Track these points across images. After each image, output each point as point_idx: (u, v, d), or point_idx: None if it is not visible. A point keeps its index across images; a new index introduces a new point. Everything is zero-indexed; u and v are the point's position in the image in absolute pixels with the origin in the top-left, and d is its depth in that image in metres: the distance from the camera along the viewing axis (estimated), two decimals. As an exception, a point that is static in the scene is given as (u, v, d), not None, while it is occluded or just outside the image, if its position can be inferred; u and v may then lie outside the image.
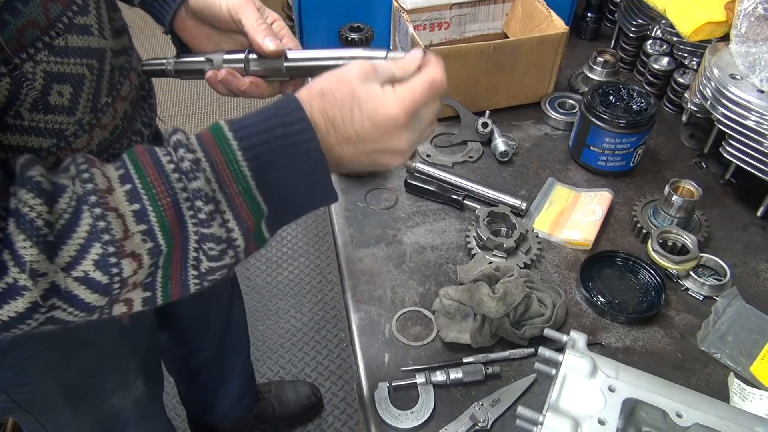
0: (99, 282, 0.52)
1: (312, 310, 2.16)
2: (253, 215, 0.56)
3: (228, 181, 0.54)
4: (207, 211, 0.54)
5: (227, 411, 1.62)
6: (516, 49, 1.18)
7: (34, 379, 0.85)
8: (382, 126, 0.58)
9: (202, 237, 0.55)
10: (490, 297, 0.81)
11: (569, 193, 1.10)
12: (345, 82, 0.58)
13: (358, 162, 0.61)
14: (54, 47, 0.62)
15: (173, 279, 0.57)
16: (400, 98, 0.58)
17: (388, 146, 0.59)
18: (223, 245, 0.55)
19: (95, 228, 0.51)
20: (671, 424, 0.63)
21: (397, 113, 0.57)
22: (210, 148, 0.54)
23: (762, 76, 0.99)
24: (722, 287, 0.94)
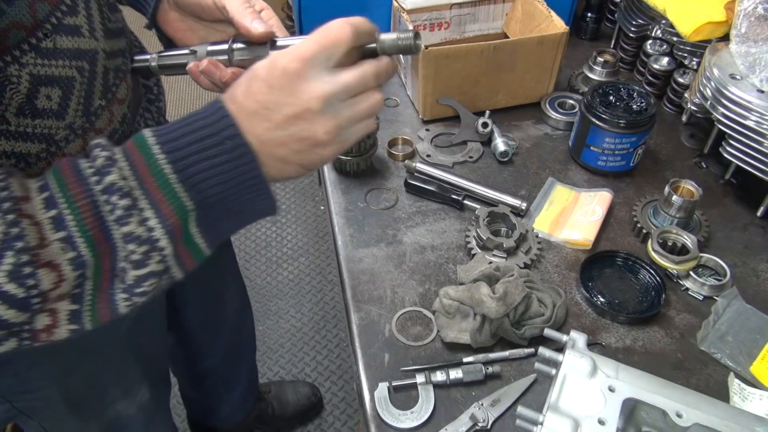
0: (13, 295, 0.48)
1: (312, 310, 2.16)
2: (176, 211, 0.52)
3: (146, 176, 0.51)
4: (123, 206, 0.51)
5: (229, 415, 1.62)
6: (516, 49, 1.18)
7: (37, 388, 0.84)
8: (276, 83, 0.54)
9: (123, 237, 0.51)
10: (490, 297, 0.81)
11: (569, 193, 1.10)
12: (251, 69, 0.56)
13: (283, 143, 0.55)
14: (41, 49, 0.60)
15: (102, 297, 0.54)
16: (290, 51, 0.54)
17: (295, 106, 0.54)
18: (146, 246, 0.52)
19: (7, 235, 0.48)
20: (671, 424, 0.63)
21: (288, 63, 0.53)
22: (127, 146, 0.53)
23: (762, 76, 0.99)
24: (722, 287, 0.94)
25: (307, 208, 2.54)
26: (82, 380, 0.89)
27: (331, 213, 1.08)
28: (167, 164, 0.52)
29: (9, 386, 0.82)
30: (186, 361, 1.42)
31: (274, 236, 2.42)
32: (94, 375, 0.90)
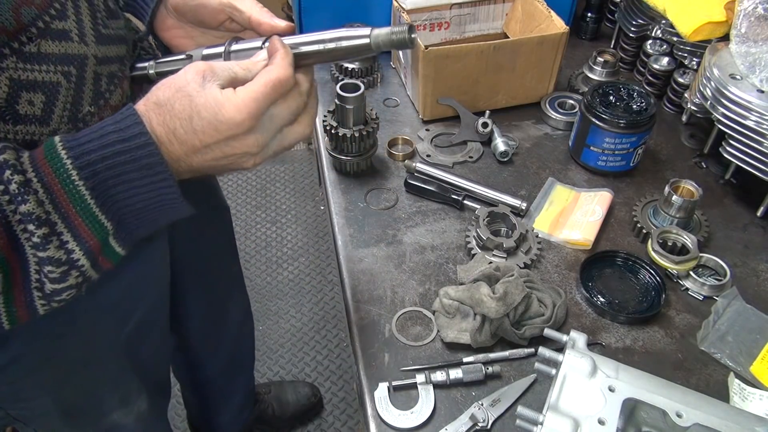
0: None
1: (312, 310, 2.16)
2: (95, 235, 0.54)
3: (64, 202, 0.52)
4: (40, 234, 0.51)
5: (226, 425, 1.61)
6: (516, 49, 1.18)
7: (31, 397, 0.83)
8: (226, 132, 0.56)
9: (40, 260, 0.52)
10: (490, 297, 0.81)
11: (569, 193, 1.10)
12: (181, 90, 0.56)
13: (212, 168, 0.59)
14: (23, 53, 0.59)
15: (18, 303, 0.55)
16: (241, 102, 0.55)
17: (237, 150, 0.58)
18: (64, 267, 0.53)
19: None
20: (671, 424, 0.63)
21: (240, 118, 0.55)
22: (42, 167, 0.52)
23: (762, 76, 0.99)
24: (722, 287, 0.94)
25: (307, 208, 2.54)
26: (78, 390, 0.88)
27: (331, 213, 1.08)
28: (86, 190, 0.52)
29: (3, 394, 0.81)
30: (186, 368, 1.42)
31: (274, 236, 2.42)
32: (90, 385, 0.89)
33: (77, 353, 0.82)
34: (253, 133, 0.57)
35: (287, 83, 0.59)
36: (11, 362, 0.76)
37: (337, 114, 1.08)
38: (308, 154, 2.80)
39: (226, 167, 0.60)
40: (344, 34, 0.65)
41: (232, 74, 0.59)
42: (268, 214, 2.51)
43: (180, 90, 0.56)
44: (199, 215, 0.61)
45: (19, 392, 0.81)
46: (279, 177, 2.69)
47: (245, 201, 2.57)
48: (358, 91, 1.03)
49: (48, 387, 0.83)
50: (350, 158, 1.11)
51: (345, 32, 0.65)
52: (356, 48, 0.65)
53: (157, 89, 0.57)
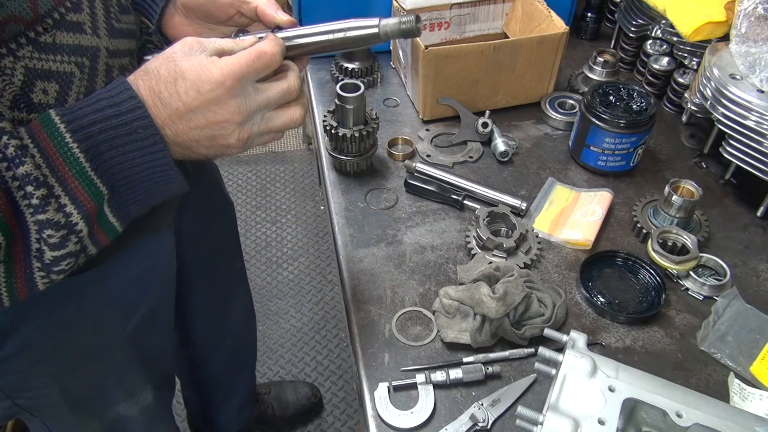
0: None
1: (312, 310, 2.16)
2: (92, 198, 0.55)
3: (59, 164, 0.53)
4: (39, 195, 0.52)
5: (227, 423, 1.61)
6: (516, 49, 1.18)
7: (37, 386, 0.84)
8: (207, 92, 0.57)
9: (39, 224, 0.53)
10: (490, 297, 0.81)
11: (569, 193, 1.10)
12: (169, 58, 0.58)
13: (195, 139, 0.60)
14: (39, 43, 0.60)
15: (17, 275, 0.56)
16: (224, 63, 0.58)
17: (219, 115, 0.59)
18: (63, 231, 0.54)
19: None
20: (671, 424, 0.63)
21: (220, 77, 0.57)
22: (37, 133, 0.53)
23: (762, 76, 0.99)
24: (722, 287, 0.94)
25: (307, 208, 2.54)
26: (84, 381, 0.89)
27: (331, 213, 1.08)
28: (80, 152, 0.54)
29: (10, 383, 0.82)
30: (188, 364, 1.42)
31: (274, 236, 2.42)
32: (96, 376, 0.90)
33: (84, 344, 0.84)
34: (235, 98, 0.58)
35: (273, 57, 0.61)
36: (20, 351, 0.77)
37: (337, 114, 1.08)
38: (308, 154, 2.80)
39: (211, 139, 0.60)
40: (353, 24, 0.68)
41: (218, 47, 0.61)
42: (268, 214, 2.51)
43: (167, 58, 0.58)
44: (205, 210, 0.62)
45: (26, 381, 0.82)
46: (279, 177, 2.69)
47: (245, 201, 2.57)
48: (358, 91, 1.03)
49: (55, 376, 0.84)
50: (350, 158, 1.11)
51: (354, 22, 0.68)
52: (365, 37, 0.67)
53: (147, 62, 0.60)
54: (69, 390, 0.87)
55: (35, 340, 0.77)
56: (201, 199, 0.62)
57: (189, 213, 0.63)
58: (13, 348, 0.76)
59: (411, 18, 0.64)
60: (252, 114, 0.61)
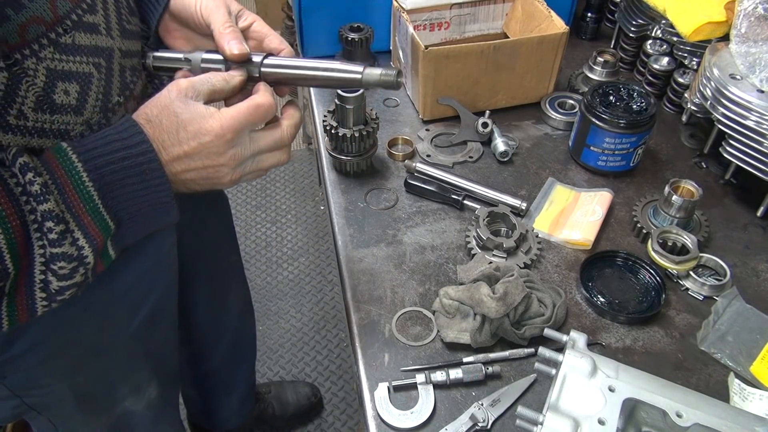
0: None
1: (312, 310, 2.16)
2: (102, 233, 0.58)
3: (75, 202, 0.56)
4: (58, 231, 0.55)
5: (227, 419, 1.62)
6: (516, 49, 1.18)
7: (47, 384, 0.85)
8: (207, 143, 0.62)
9: (51, 257, 0.56)
10: (490, 297, 0.81)
11: (569, 193, 1.10)
12: (167, 108, 0.62)
13: (192, 179, 0.64)
14: (60, 44, 0.62)
15: (19, 304, 0.58)
16: (223, 117, 0.62)
17: (216, 162, 0.64)
18: (75, 263, 0.57)
19: None
20: (671, 424, 0.63)
21: (220, 130, 0.62)
22: (56, 170, 0.56)
23: (762, 76, 0.99)
24: (722, 287, 0.94)
25: (307, 208, 2.54)
26: (91, 377, 0.90)
27: (331, 213, 1.08)
28: (94, 190, 0.57)
29: (20, 381, 0.83)
30: (188, 361, 1.42)
31: (274, 236, 2.42)
32: (103, 373, 0.91)
33: (91, 340, 0.85)
34: (233, 148, 0.64)
35: (268, 109, 0.66)
36: (30, 349, 0.78)
37: (337, 114, 1.08)
38: (308, 154, 2.80)
39: (206, 179, 0.65)
40: (339, 67, 0.72)
41: (211, 87, 0.66)
42: (268, 214, 2.51)
43: (166, 108, 0.62)
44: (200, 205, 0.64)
45: (35, 379, 0.84)
46: (279, 177, 2.69)
47: (245, 201, 2.57)
48: (358, 91, 1.03)
49: (63, 374, 0.85)
50: (350, 158, 1.11)
51: (341, 65, 0.72)
52: (347, 81, 0.72)
53: (144, 107, 0.63)
54: (77, 386, 0.88)
55: (44, 337, 0.78)
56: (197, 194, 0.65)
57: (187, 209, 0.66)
58: (24, 346, 0.77)
59: (392, 72, 0.70)
60: (244, 159, 0.66)
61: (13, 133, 0.61)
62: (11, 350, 0.77)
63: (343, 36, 1.29)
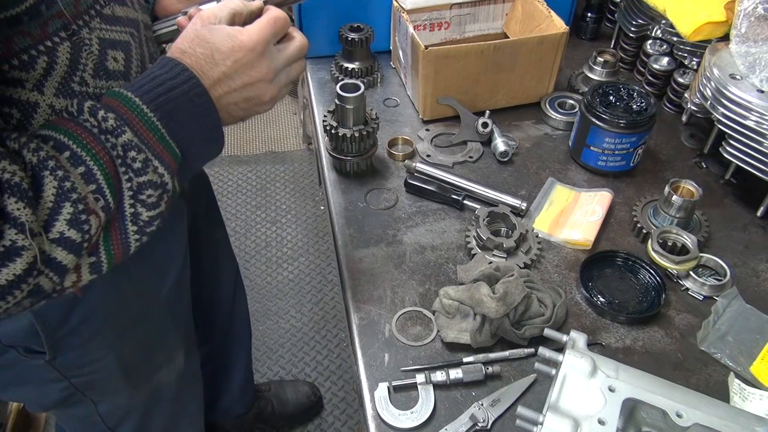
0: (74, 241, 0.54)
1: (312, 310, 2.16)
2: (174, 159, 0.62)
3: (145, 132, 0.59)
4: (141, 159, 0.58)
5: (228, 407, 1.62)
6: (516, 49, 1.18)
7: (96, 358, 0.87)
8: (242, 59, 0.66)
9: (139, 187, 0.58)
10: (490, 297, 0.81)
11: (569, 193, 1.10)
12: (197, 36, 0.66)
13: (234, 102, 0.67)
14: (104, 15, 0.67)
15: (114, 240, 0.60)
16: (251, 31, 0.67)
17: (254, 76, 0.67)
18: (160, 190, 0.60)
19: (62, 189, 0.53)
20: (671, 424, 0.63)
21: (251, 44, 0.66)
22: (119, 108, 0.59)
23: (762, 76, 0.99)
24: (722, 287, 0.94)
25: (307, 208, 2.54)
26: (135, 346, 0.93)
27: (331, 213, 1.08)
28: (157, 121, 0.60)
29: (71, 360, 0.85)
30: None
31: (274, 236, 2.42)
32: (144, 341, 0.94)
33: (132, 309, 0.89)
34: (265, 59, 0.67)
35: (285, 20, 0.70)
36: (84, 320, 0.81)
37: (337, 114, 1.08)
38: (308, 154, 2.80)
39: (247, 100, 0.68)
40: None
41: (230, 11, 0.69)
42: (268, 214, 2.51)
43: (196, 37, 0.65)
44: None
45: (87, 353, 0.86)
46: (279, 177, 2.69)
47: (245, 201, 2.57)
48: (358, 91, 1.03)
49: (111, 345, 0.88)
50: (350, 158, 1.11)
51: None
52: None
53: (176, 44, 0.67)
54: (123, 357, 0.91)
55: (96, 308, 0.81)
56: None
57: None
58: (79, 318, 0.80)
59: None
60: (279, 71, 0.70)
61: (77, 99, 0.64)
62: (68, 323, 0.79)
63: (343, 36, 1.29)
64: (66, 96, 0.64)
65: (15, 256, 0.50)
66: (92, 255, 0.58)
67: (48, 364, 0.83)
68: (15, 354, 0.81)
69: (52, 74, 0.62)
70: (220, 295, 1.41)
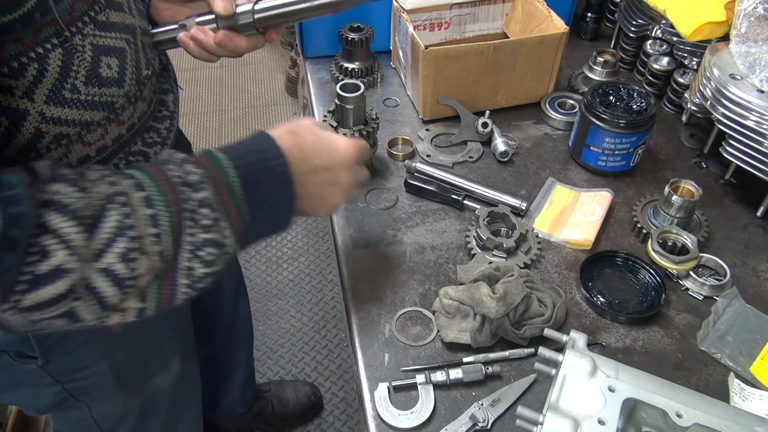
0: (119, 275, 0.55)
1: (312, 310, 2.16)
2: (242, 224, 0.63)
3: (224, 193, 0.61)
4: (212, 218, 0.60)
5: (229, 407, 1.62)
6: (516, 49, 1.18)
7: (89, 365, 0.87)
8: (338, 157, 0.74)
9: (202, 243, 0.60)
10: (490, 297, 0.81)
11: (569, 193, 1.10)
12: (308, 127, 0.73)
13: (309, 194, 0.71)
14: (98, 22, 0.67)
15: (163, 290, 0.60)
16: (351, 141, 0.76)
17: (337, 179, 0.74)
18: (219, 250, 0.61)
19: (122, 224, 0.55)
20: (671, 424, 0.63)
21: (349, 149, 0.75)
22: (206, 164, 0.62)
23: (762, 76, 0.99)
24: (722, 287, 0.94)
25: (307, 208, 2.54)
26: (129, 353, 0.92)
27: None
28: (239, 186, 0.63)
29: (64, 365, 0.85)
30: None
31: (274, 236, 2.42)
32: (138, 348, 0.94)
33: None
34: (349, 171, 0.75)
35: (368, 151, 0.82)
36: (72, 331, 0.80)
37: (337, 114, 1.08)
38: (308, 154, 2.79)
39: (321, 199, 0.74)
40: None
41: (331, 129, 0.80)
42: (268, 214, 2.51)
43: (307, 127, 0.73)
44: None
45: (79, 360, 0.86)
46: (279, 177, 2.68)
47: (245, 201, 2.57)
48: (358, 91, 1.03)
49: (105, 351, 0.88)
50: (350, 158, 1.10)
51: None
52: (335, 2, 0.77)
53: (286, 124, 0.73)
54: (117, 364, 0.90)
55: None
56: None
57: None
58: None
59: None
60: (352, 184, 0.77)
61: (69, 107, 0.64)
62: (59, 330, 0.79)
63: (343, 36, 1.29)
64: (57, 104, 0.63)
65: (57, 277, 0.51)
66: (141, 300, 0.59)
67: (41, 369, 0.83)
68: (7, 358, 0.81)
69: (43, 81, 0.61)
70: (222, 299, 1.40)
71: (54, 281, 0.51)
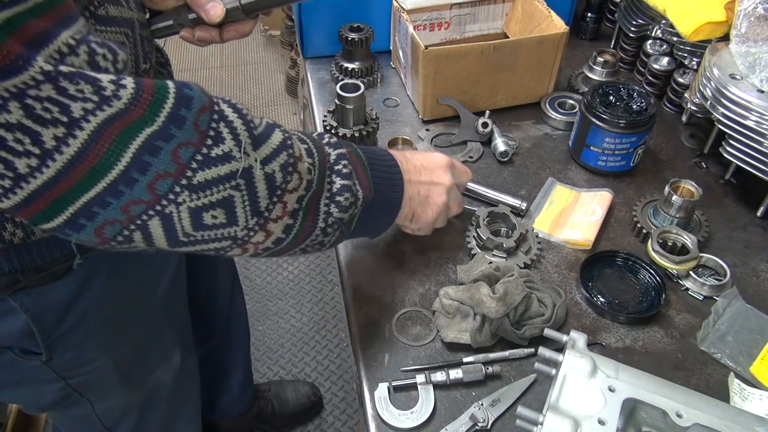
0: (276, 181, 0.62)
1: (312, 310, 2.16)
2: (369, 189, 0.75)
3: (355, 161, 0.74)
4: (348, 168, 0.72)
5: (228, 407, 1.62)
6: (516, 49, 1.18)
7: (92, 359, 0.88)
8: (434, 163, 0.88)
9: (340, 189, 0.70)
10: (490, 297, 0.81)
11: (569, 193, 1.10)
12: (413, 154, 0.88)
13: (418, 192, 0.85)
14: (99, 16, 0.68)
15: (308, 219, 0.68)
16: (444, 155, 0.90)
17: (437, 179, 0.87)
18: (353, 198, 0.72)
19: (284, 143, 0.63)
20: (671, 424, 0.63)
21: (443, 158, 0.89)
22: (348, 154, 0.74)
23: (762, 76, 0.99)
24: (722, 287, 0.94)
25: (307, 208, 2.54)
26: (131, 347, 0.94)
27: (331, 213, 1.08)
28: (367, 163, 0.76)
29: (67, 360, 0.85)
30: None
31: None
32: (139, 341, 0.96)
33: (128, 311, 0.90)
34: (448, 173, 0.88)
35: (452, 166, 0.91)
36: (78, 323, 0.82)
37: (337, 114, 1.08)
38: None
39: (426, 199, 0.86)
40: None
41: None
42: (268, 214, 2.51)
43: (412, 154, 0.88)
44: None
45: (82, 355, 0.87)
46: (279, 177, 2.68)
47: (245, 201, 2.57)
48: (358, 91, 1.03)
49: (107, 346, 0.89)
50: (350, 158, 1.10)
51: None
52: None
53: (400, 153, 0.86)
54: (119, 358, 0.92)
55: (91, 310, 0.82)
56: None
57: None
58: (73, 321, 0.81)
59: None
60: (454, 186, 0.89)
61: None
62: (64, 324, 0.80)
63: (343, 36, 1.29)
64: None
65: (225, 161, 0.57)
66: (291, 218, 0.65)
67: (44, 365, 0.83)
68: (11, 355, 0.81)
69: None
70: (217, 295, 1.41)
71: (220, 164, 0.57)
